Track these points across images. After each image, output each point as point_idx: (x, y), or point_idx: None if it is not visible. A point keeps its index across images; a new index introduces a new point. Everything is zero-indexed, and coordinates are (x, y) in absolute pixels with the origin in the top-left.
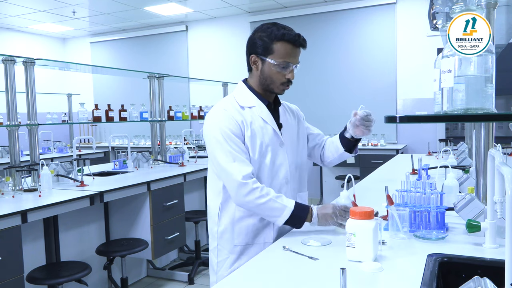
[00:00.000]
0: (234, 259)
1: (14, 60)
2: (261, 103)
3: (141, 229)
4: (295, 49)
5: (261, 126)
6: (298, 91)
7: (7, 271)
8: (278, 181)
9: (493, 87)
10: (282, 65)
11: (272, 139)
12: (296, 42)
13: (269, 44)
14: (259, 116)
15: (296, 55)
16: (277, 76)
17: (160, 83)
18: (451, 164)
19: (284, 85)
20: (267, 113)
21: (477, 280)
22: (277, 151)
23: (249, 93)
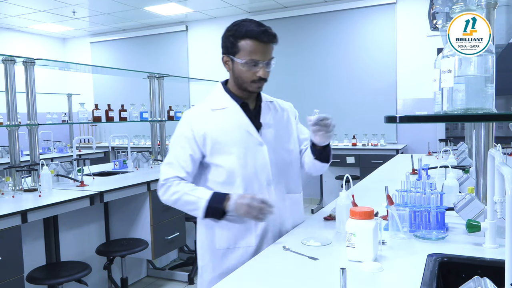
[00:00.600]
0: (216, 263)
1: (14, 60)
2: (235, 104)
3: (141, 229)
4: (262, 45)
5: (233, 128)
6: (298, 91)
7: (7, 271)
8: (259, 183)
9: (493, 87)
10: (250, 64)
11: (247, 140)
12: (261, 38)
13: (234, 42)
14: (231, 118)
15: (265, 51)
16: (246, 75)
17: (160, 83)
18: (451, 164)
19: (256, 82)
20: (239, 113)
21: (477, 280)
22: (255, 152)
23: (223, 94)
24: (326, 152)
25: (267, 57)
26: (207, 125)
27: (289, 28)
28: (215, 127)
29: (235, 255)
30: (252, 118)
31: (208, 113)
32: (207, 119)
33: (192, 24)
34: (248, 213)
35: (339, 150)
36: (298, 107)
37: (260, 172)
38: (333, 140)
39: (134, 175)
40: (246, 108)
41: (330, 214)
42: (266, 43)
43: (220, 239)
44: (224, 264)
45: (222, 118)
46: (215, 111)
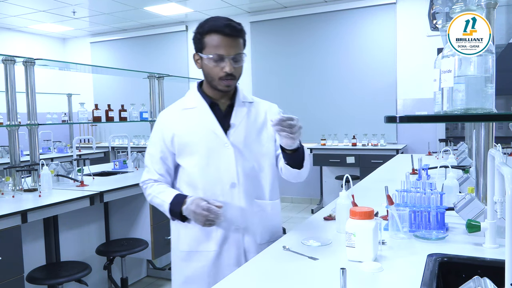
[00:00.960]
0: (181, 265)
1: (14, 60)
2: (204, 103)
3: (141, 229)
4: (227, 39)
5: (199, 128)
6: (298, 91)
7: (7, 271)
8: (222, 185)
9: (493, 87)
10: (215, 59)
11: (212, 141)
12: (224, 31)
13: (201, 39)
14: (199, 118)
15: (230, 45)
16: (213, 71)
17: (160, 83)
18: (451, 164)
19: (223, 79)
20: (207, 113)
21: (477, 280)
22: (220, 153)
23: (195, 94)
24: (296, 157)
25: (233, 51)
26: (176, 125)
27: (289, 28)
28: (183, 127)
29: (196, 258)
30: (222, 118)
31: (178, 113)
32: (176, 119)
33: (192, 24)
34: (196, 219)
35: (339, 150)
36: (298, 107)
37: (223, 175)
38: (333, 140)
39: (134, 175)
40: (216, 108)
41: (330, 214)
42: (230, 36)
43: (183, 241)
44: (188, 268)
45: (190, 118)
46: (184, 111)
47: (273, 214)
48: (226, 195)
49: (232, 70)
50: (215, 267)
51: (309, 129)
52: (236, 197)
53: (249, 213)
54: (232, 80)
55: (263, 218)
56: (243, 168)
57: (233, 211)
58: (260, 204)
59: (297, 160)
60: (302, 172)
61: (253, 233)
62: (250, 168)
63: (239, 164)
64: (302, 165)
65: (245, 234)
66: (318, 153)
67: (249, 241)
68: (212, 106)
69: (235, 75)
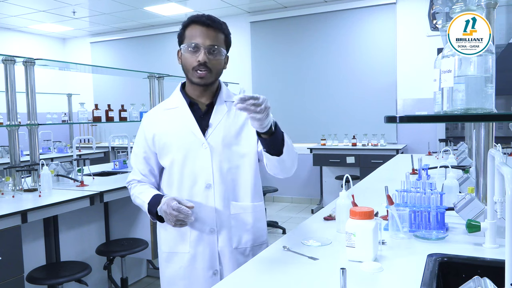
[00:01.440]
0: (163, 266)
1: (14, 60)
2: (184, 103)
3: (141, 229)
4: (203, 29)
5: (178, 128)
6: (298, 91)
7: (7, 271)
8: (198, 186)
9: (493, 87)
10: (190, 47)
11: (190, 141)
12: (201, 20)
13: (181, 32)
14: (178, 117)
15: (206, 35)
16: (189, 61)
17: (160, 83)
18: (451, 164)
19: (196, 70)
20: (186, 113)
21: (477, 280)
22: (198, 153)
23: (177, 93)
24: (274, 142)
25: (209, 41)
26: (157, 126)
27: (289, 28)
28: (163, 127)
29: (174, 260)
30: (201, 118)
31: (161, 113)
32: (158, 119)
33: None
34: (167, 219)
35: (339, 150)
36: (297, 107)
37: (199, 175)
38: (333, 140)
39: None
40: (196, 107)
41: (330, 214)
42: (208, 26)
43: (163, 242)
44: (169, 269)
45: (170, 118)
46: (166, 111)
47: (254, 218)
48: (201, 196)
49: (205, 59)
50: (189, 270)
51: (309, 129)
52: (211, 198)
53: (225, 216)
54: (206, 72)
55: (241, 221)
56: (220, 169)
57: (208, 212)
58: (238, 206)
59: (276, 145)
60: (283, 160)
61: (229, 237)
62: (227, 169)
63: (216, 164)
64: (281, 151)
65: (219, 237)
66: (318, 153)
67: (224, 244)
68: (191, 105)
69: (210, 68)
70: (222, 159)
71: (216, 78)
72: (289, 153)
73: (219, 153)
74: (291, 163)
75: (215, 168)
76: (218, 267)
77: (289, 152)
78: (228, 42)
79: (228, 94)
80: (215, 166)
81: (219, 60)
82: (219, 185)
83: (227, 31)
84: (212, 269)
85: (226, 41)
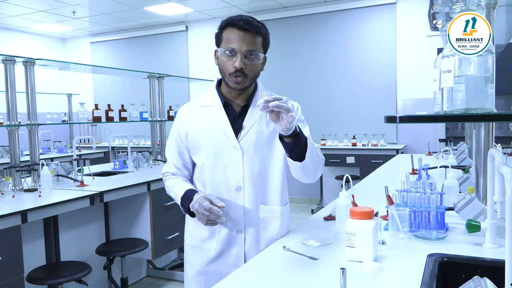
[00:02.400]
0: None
1: (14, 60)
2: (219, 102)
3: (141, 229)
4: (240, 33)
5: (211, 127)
6: (298, 91)
7: (7, 271)
8: (227, 187)
9: (493, 87)
10: (227, 53)
11: (222, 142)
12: (238, 24)
13: (219, 33)
14: (212, 116)
15: (243, 39)
16: (225, 66)
17: (160, 83)
18: (451, 164)
19: (233, 76)
20: (220, 113)
21: (477, 280)
22: (229, 155)
23: (212, 91)
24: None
25: (245, 47)
26: (191, 123)
27: (289, 28)
28: (196, 125)
29: (198, 254)
30: (235, 119)
31: (195, 110)
32: (192, 116)
33: (192, 24)
34: (198, 218)
35: (339, 150)
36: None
37: (230, 177)
38: (333, 140)
39: (134, 175)
40: (230, 108)
41: (330, 214)
42: (244, 31)
43: (189, 235)
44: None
45: (204, 116)
46: (200, 109)
47: (282, 221)
48: (231, 197)
49: (241, 65)
50: (213, 266)
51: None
52: (240, 201)
53: (254, 218)
54: (242, 78)
55: (268, 224)
56: (251, 172)
57: (237, 214)
58: (266, 210)
59: (298, 149)
60: (306, 164)
61: (256, 239)
62: (258, 172)
63: (247, 167)
64: (304, 157)
65: (247, 238)
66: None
67: (251, 246)
68: (225, 106)
69: (246, 73)
70: (253, 162)
71: (252, 82)
72: (312, 158)
73: (251, 156)
74: (314, 168)
75: (246, 171)
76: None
77: (312, 157)
78: (266, 44)
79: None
80: (246, 169)
81: (256, 65)
82: (249, 188)
83: (265, 33)
84: (236, 267)
85: (264, 43)
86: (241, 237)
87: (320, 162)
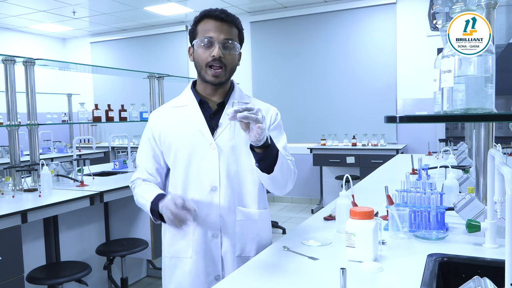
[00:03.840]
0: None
1: (14, 60)
2: (194, 101)
3: (141, 229)
4: (217, 23)
5: (186, 126)
6: (298, 91)
7: (7, 271)
8: (202, 187)
9: (493, 87)
10: (204, 41)
11: (197, 140)
12: (215, 15)
13: (194, 28)
14: (187, 116)
15: (220, 29)
16: (202, 57)
17: (160, 83)
18: (451, 164)
19: (211, 67)
20: (196, 111)
21: (477, 280)
22: (205, 154)
23: (188, 91)
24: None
25: (223, 35)
26: (164, 123)
27: (289, 28)
28: (170, 125)
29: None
30: (210, 116)
31: (168, 111)
32: (166, 117)
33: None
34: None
35: (339, 150)
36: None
37: (204, 176)
38: (333, 140)
39: None
40: (206, 106)
41: (330, 214)
42: (221, 20)
43: (167, 246)
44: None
45: (178, 116)
46: (174, 109)
47: (260, 226)
48: (205, 199)
49: (219, 54)
50: (191, 275)
51: (309, 129)
52: (216, 202)
53: (230, 221)
54: (220, 69)
55: (246, 229)
56: (227, 171)
57: (213, 216)
58: (244, 213)
59: (269, 160)
60: (275, 177)
61: (232, 243)
62: (235, 172)
63: (223, 167)
64: (272, 169)
65: (223, 242)
66: (318, 153)
67: (227, 250)
68: (201, 104)
69: (225, 64)
70: (230, 161)
71: (229, 75)
72: (282, 171)
73: (227, 155)
74: (284, 182)
75: (222, 170)
76: (221, 273)
77: (282, 170)
78: (241, 37)
79: (240, 95)
80: (222, 168)
81: (233, 56)
82: (225, 188)
83: (240, 26)
84: (214, 274)
85: (239, 36)
86: (217, 241)
87: (291, 175)
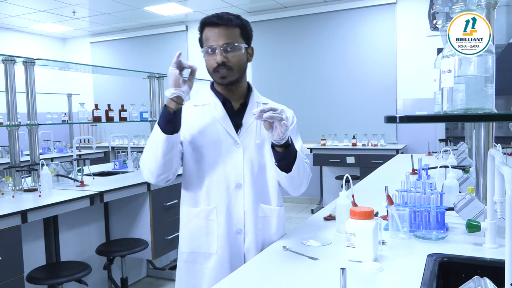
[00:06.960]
0: (181, 267)
1: (14, 60)
2: (217, 100)
3: (141, 229)
4: (215, 30)
5: (210, 124)
6: (298, 91)
7: (7, 271)
8: (227, 184)
9: (493, 87)
10: (207, 51)
11: (222, 138)
12: (211, 21)
13: (200, 38)
14: (211, 113)
15: (218, 35)
16: (209, 64)
17: (160, 83)
18: (451, 164)
19: (218, 72)
20: (219, 110)
21: (477, 280)
22: (230, 151)
23: (208, 91)
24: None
25: (222, 40)
26: (187, 120)
27: (289, 28)
28: (193, 122)
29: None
30: (234, 116)
31: (190, 108)
32: (187, 114)
33: (192, 24)
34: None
35: (339, 150)
36: (297, 107)
37: (230, 174)
38: (333, 140)
39: (134, 175)
40: (228, 105)
41: (330, 214)
42: (218, 26)
43: (184, 242)
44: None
45: (201, 114)
46: (197, 107)
47: (278, 223)
48: (231, 195)
49: (221, 59)
50: (216, 270)
51: (309, 129)
52: (240, 199)
53: (253, 218)
54: (227, 70)
55: (267, 225)
56: (251, 169)
57: (237, 213)
58: (266, 209)
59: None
60: (292, 177)
61: (256, 239)
62: (258, 170)
63: (247, 164)
64: (290, 169)
65: (246, 238)
66: (318, 153)
67: (250, 246)
68: (224, 103)
69: (230, 66)
70: (253, 159)
71: (239, 74)
72: (299, 172)
73: (251, 153)
74: (300, 182)
75: (246, 168)
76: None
77: (299, 170)
78: (246, 34)
79: (257, 96)
80: (246, 166)
81: (238, 56)
82: (249, 185)
83: (240, 24)
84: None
85: (243, 34)
86: (240, 237)
87: (306, 177)
